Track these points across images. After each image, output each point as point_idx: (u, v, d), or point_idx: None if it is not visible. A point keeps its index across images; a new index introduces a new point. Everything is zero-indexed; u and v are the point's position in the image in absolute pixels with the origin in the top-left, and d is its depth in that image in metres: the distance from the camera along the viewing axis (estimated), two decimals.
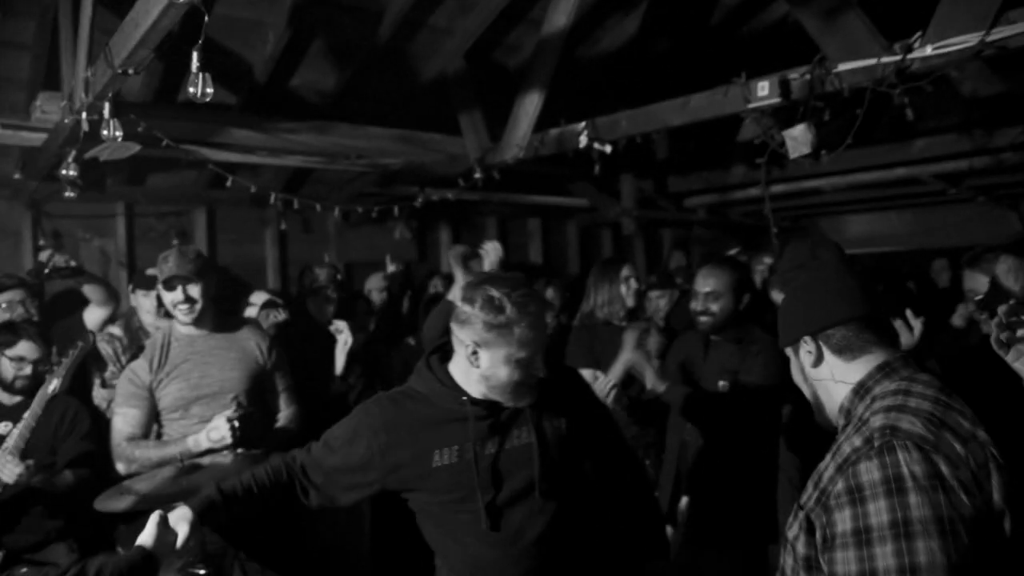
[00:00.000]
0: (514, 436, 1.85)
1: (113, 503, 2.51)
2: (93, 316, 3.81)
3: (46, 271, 3.45)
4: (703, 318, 3.09)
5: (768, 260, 4.94)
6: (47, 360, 3.07)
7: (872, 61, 2.73)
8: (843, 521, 1.25)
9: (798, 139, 2.93)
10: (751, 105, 3.06)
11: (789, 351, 1.61)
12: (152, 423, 2.84)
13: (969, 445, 1.30)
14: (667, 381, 2.97)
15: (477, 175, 4.09)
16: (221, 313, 2.99)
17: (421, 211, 5.06)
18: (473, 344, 1.76)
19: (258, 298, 4.31)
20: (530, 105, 3.97)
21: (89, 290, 3.77)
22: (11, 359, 3.05)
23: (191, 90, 1.99)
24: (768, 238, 7.61)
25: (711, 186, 6.04)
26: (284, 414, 3.02)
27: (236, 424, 2.62)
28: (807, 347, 1.53)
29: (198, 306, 2.77)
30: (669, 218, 6.60)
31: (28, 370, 3.06)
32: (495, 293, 1.74)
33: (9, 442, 2.82)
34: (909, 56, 2.66)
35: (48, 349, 3.13)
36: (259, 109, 3.97)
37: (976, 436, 1.33)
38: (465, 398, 1.81)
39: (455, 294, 2.94)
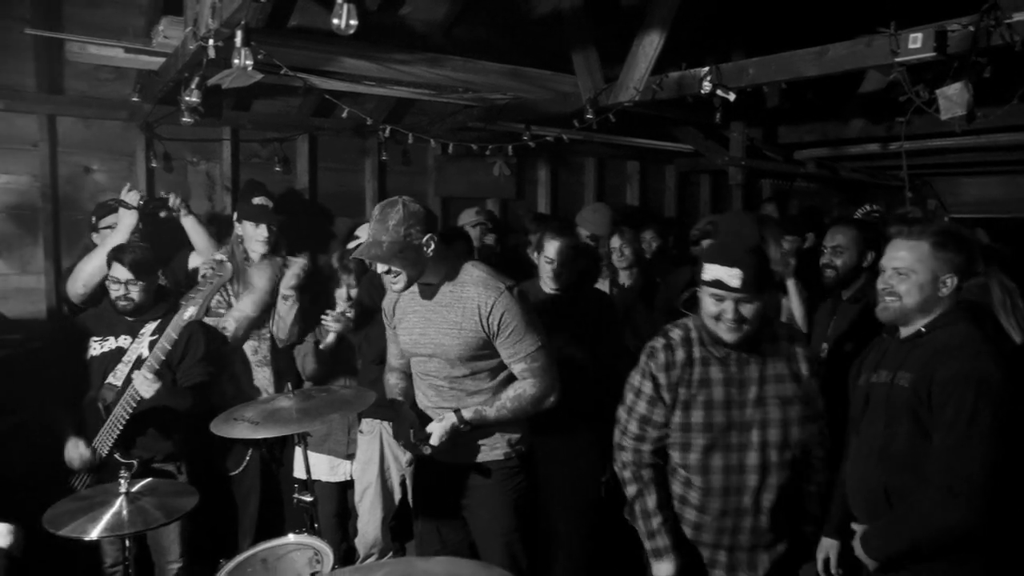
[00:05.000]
0: None
1: (226, 428, 2.59)
2: (196, 263, 3.88)
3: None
4: (827, 271, 3.49)
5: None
6: (150, 287, 3.23)
7: None
8: None
9: (953, 99, 2.68)
10: (899, 59, 2.80)
11: None
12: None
13: None
14: None
15: (589, 116, 3.93)
16: (451, 259, 2.76)
17: (520, 148, 4.95)
18: None
19: (364, 231, 4.32)
20: (649, 45, 3.76)
21: (193, 232, 3.84)
22: (109, 280, 3.24)
23: (335, 21, 1.93)
24: (876, 196, 7.29)
25: (825, 139, 5.71)
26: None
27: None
28: None
29: (403, 276, 2.60)
30: (775, 169, 6.31)
31: (122, 291, 3.20)
32: None
33: (150, 361, 2.97)
34: None
35: (149, 275, 3.24)
36: (367, 37, 3.89)
37: None
38: None
39: None
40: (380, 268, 2.65)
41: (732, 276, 2.22)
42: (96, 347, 3.28)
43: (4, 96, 3.87)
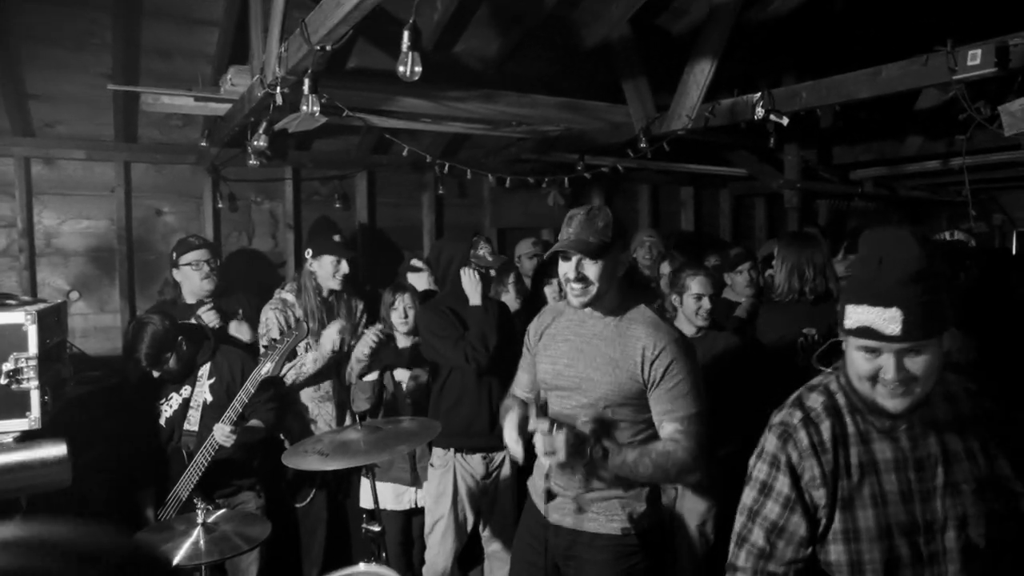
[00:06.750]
0: None
1: (297, 460, 2.67)
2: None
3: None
4: None
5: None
6: (180, 351, 3.39)
7: None
8: None
9: (1017, 115, 2.65)
10: (957, 76, 2.78)
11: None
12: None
13: None
14: None
15: (643, 145, 3.97)
16: (630, 294, 2.46)
17: (574, 178, 5.01)
18: None
19: (419, 264, 4.42)
20: (700, 74, 3.81)
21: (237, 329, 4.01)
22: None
23: (400, 69, 2.02)
24: (936, 213, 7.14)
25: (882, 158, 5.64)
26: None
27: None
28: None
29: (593, 289, 2.30)
30: (831, 190, 6.24)
31: (160, 372, 3.39)
32: None
33: (228, 414, 3.17)
34: None
35: (171, 349, 3.37)
36: (423, 76, 4.01)
37: None
38: None
39: None
40: (568, 273, 2.31)
41: (889, 319, 1.54)
42: (166, 408, 3.47)
43: (87, 147, 4.12)
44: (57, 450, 1.66)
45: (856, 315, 1.58)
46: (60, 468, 1.65)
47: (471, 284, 3.48)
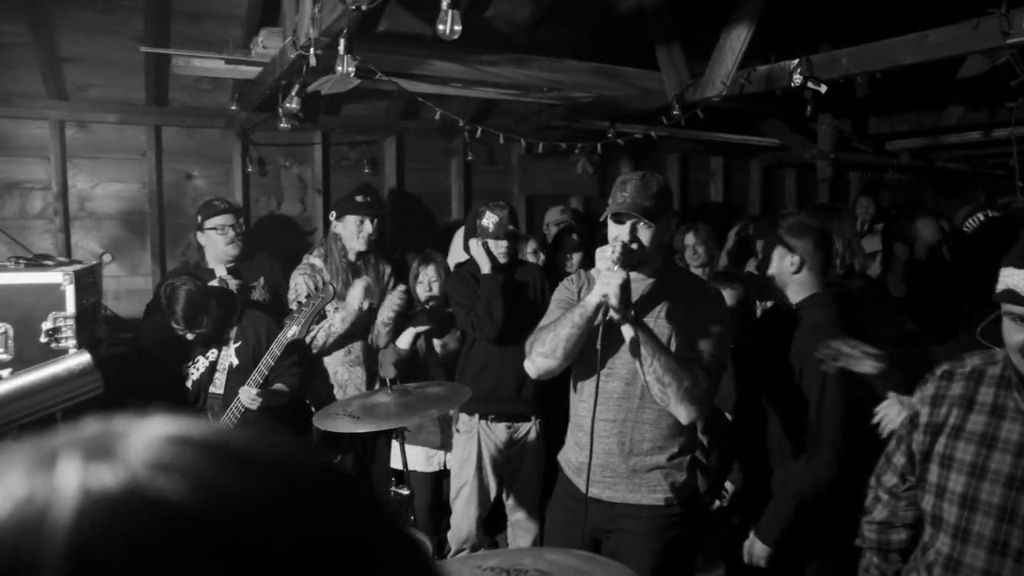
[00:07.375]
0: None
1: (328, 422, 2.69)
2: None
3: None
4: None
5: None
6: (212, 317, 3.37)
7: None
8: None
9: None
10: (1011, 40, 2.68)
11: None
12: None
13: None
14: None
15: (676, 112, 3.90)
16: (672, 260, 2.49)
17: (603, 146, 4.95)
18: None
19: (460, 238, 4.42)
20: (736, 39, 3.72)
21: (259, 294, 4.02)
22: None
23: (440, 27, 1.99)
24: (974, 186, 6.98)
25: (920, 128, 5.50)
26: None
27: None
28: None
29: (642, 252, 2.27)
30: (866, 162, 6.12)
31: (192, 336, 3.37)
32: None
33: (255, 376, 3.18)
34: None
35: (205, 313, 3.35)
36: (455, 40, 3.97)
37: None
38: None
39: None
40: (622, 236, 2.26)
41: None
42: (193, 371, 3.50)
43: (119, 110, 4.14)
44: (83, 359, 1.69)
45: (1004, 279, 1.49)
46: (91, 377, 1.68)
47: (475, 253, 3.47)
